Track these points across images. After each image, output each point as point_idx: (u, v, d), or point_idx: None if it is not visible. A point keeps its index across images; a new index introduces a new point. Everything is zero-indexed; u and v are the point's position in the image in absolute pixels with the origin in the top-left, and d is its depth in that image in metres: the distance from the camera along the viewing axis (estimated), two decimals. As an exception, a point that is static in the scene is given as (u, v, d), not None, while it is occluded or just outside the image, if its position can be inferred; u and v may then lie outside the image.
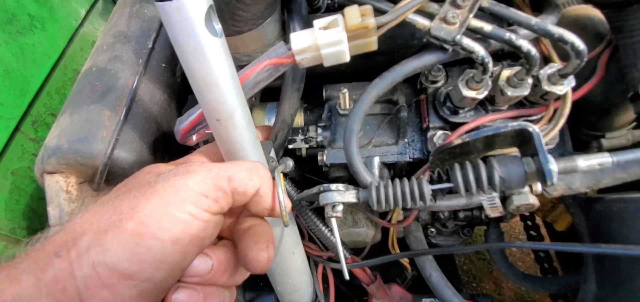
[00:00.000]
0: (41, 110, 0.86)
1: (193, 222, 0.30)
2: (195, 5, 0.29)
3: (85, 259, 0.27)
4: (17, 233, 0.82)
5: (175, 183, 0.30)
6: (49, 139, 0.50)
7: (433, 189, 0.40)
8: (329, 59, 0.38)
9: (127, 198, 0.30)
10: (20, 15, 0.80)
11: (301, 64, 0.38)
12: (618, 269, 0.42)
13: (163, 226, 0.29)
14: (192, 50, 0.31)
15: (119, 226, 0.28)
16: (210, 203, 0.31)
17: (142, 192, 0.30)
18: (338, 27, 0.36)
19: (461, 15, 0.40)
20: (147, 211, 0.29)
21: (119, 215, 0.29)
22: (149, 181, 0.32)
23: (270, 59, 0.38)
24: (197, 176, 0.31)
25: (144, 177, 0.34)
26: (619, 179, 0.42)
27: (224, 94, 0.34)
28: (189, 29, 0.30)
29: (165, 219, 0.29)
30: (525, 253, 1.46)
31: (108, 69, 0.52)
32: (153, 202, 0.29)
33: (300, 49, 0.37)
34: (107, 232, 0.28)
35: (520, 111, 0.47)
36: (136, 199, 0.30)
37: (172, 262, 0.29)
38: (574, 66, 0.39)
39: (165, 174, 0.32)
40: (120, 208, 0.29)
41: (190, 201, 0.30)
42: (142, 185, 0.32)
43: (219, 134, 0.37)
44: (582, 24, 0.48)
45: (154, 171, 0.35)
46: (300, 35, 0.37)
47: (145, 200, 0.29)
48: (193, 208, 0.30)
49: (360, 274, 0.70)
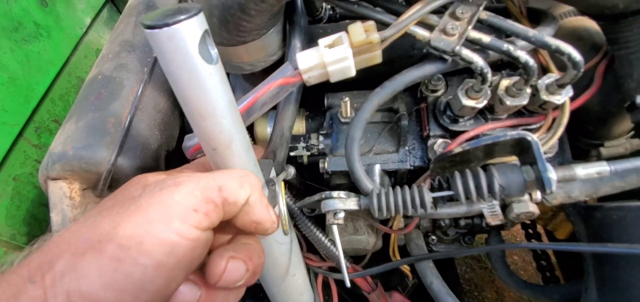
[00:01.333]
0: (44, 117, 0.87)
1: (180, 242, 0.27)
2: (189, 31, 0.26)
3: (59, 287, 0.24)
4: (17, 239, 0.83)
5: (161, 198, 0.27)
6: (54, 145, 0.50)
7: (434, 197, 0.41)
8: (335, 75, 0.39)
9: (109, 215, 0.27)
10: (26, 23, 0.81)
11: (308, 82, 0.39)
12: (618, 277, 0.42)
13: (145, 248, 0.25)
14: (186, 80, 0.28)
15: (98, 249, 0.25)
16: (200, 218, 0.28)
17: (126, 208, 0.27)
18: (343, 44, 0.37)
19: (460, 27, 0.41)
20: (128, 230, 0.26)
21: (98, 235, 0.26)
22: (133, 196, 0.29)
23: (278, 80, 0.39)
24: (185, 188, 0.28)
25: (129, 190, 0.30)
26: (617, 188, 0.43)
27: (221, 123, 0.31)
28: (182, 58, 0.27)
29: (148, 240, 0.26)
30: (527, 262, 1.45)
31: (113, 77, 0.53)
32: (135, 220, 0.26)
33: (307, 67, 0.38)
34: (84, 256, 0.25)
35: (519, 120, 0.47)
36: (118, 216, 0.27)
37: (154, 290, 0.26)
38: (571, 76, 0.40)
39: (151, 186, 0.29)
40: (100, 227, 0.26)
41: (177, 218, 0.27)
42: (126, 200, 0.28)
43: (216, 163, 0.35)
44: (579, 36, 0.49)
45: (141, 183, 0.31)
46: (306, 55, 0.38)
47: (127, 218, 0.26)
48: (181, 225, 0.27)
49: (361, 282, 0.70)
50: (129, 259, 0.25)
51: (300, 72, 0.38)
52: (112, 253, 0.25)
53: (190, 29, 0.26)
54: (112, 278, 0.25)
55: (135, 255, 0.25)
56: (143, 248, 0.25)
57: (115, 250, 0.25)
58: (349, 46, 0.37)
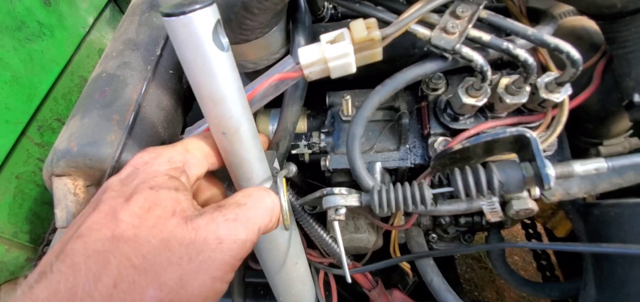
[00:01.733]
0: (47, 116, 0.88)
1: (226, 285, 0.31)
2: (203, 20, 0.29)
3: None
4: (20, 237, 0.83)
5: (220, 256, 0.30)
6: (59, 142, 0.51)
7: (434, 193, 0.41)
8: (336, 71, 0.39)
9: (169, 265, 0.28)
10: (30, 23, 0.82)
11: (309, 77, 0.40)
12: (616, 273, 0.43)
13: (210, 300, 0.30)
14: (199, 66, 0.31)
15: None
16: (240, 262, 0.32)
17: (186, 259, 0.29)
18: (345, 40, 0.37)
19: (460, 26, 0.41)
20: (195, 289, 0.28)
21: (166, 293, 0.27)
22: (184, 240, 0.29)
23: (279, 74, 0.39)
24: (238, 244, 0.31)
25: (168, 224, 0.30)
26: (615, 185, 0.43)
27: (231, 109, 0.34)
28: (196, 44, 0.29)
29: (212, 294, 0.30)
30: (527, 262, 1.46)
31: (117, 75, 0.53)
32: (200, 277, 0.29)
33: (309, 63, 0.38)
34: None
35: (519, 118, 0.48)
36: (181, 269, 0.28)
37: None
38: (570, 75, 0.41)
39: (202, 232, 0.30)
40: (164, 281, 0.28)
41: (230, 271, 0.31)
42: (176, 244, 0.29)
43: (225, 148, 0.37)
44: (578, 35, 0.50)
45: (175, 211, 0.31)
46: (308, 50, 0.38)
47: (192, 275, 0.28)
48: (231, 275, 0.31)
49: (361, 279, 0.71)
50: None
51: (301, 67, 0.38)
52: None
53: (204, 18, 0.28)
54: None
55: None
56: (207, 300, 0.29)
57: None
58: (350, 42, 0.37)
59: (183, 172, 0.34)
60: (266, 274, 0.54)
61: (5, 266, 0.81)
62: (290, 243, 0.51)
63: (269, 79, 0.39)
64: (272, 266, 0.52)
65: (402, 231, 0.66)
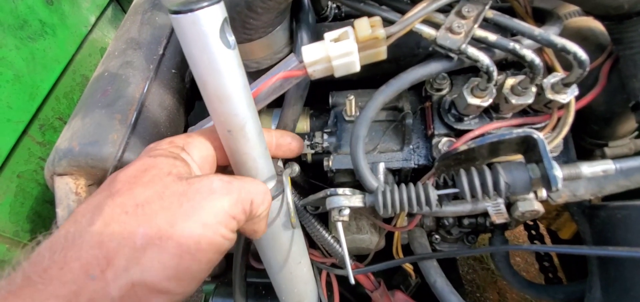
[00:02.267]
0: (49, 115, 0.87)
1: (224, 243, 0.32)
2: (210, 17, 0.29)
3: (123, 279, 0.27)
4: (21, 236, 0.83)
5: (211, 204, 0.31)
6: (61, 141, 0.51)
7: (439, 194, 0.41)
8: (340, 69, 0.39)
9: (160, 209, 0.30)
10: (32, 21, 0.81)
11: (312, 75, 0.39)
12: (623, 276, 0.42)
13: (202, 247, 0.30)
14: (206, 63, 0.31)
15: (159, 245, 0.28)
16: (235, 223, 0.33)
17: (176, 204, 0.30)
18: (349, 38, 0.37)
19: (466, 26, 0.41)
20: (186, 230, 0.29)
21: (156, 231, 0.29)
22: (176, 191, 0.31)
23: (283, 72, 0.39)
24: (230, 198, 0.32)
25: (163, 180, 0.32)
26: (622, 187, 0.43)
27: (236, 106, 0.34)
28: (204, 42, 0.30)
29: (204, 241, 0.30)
30: (529, 264, 1.45)
31: (120, 74, 0.53)
32: (191, 221, 0.30)
33: (312, 61, 0.38)
34: (145, 251, 0.28)
35: (525, 119, 0.47)
36: (171, 213, 0.30)
37: (202, 277, 0.32)
38: (577, 75, 0.40)
39: (195, 185, 0.32)
40: (155, 222, 0.29)
41: (223, 224, 0.32)
42: (168, 194, 0.31)
43: (230, 146, 0.37)
44: (584, 36, 0.49)
45: (171, 172, 0.33)
46: (311, 48, 0.38)
47: (182, 217, 0.30)
48: (225, 230, 0.32)
49: (364, 280, 0.71)
50: (189, 255, 0.29)
51: (305, 65, 0.38)
52: (173, 250, 0.29)
53: (212, 15, 0.28)
54: (174, 271, 0.29)
55: (194, 253, 0.30)
56: (200, 247, 0.30)
57: (175, 247, 0.29)
58: (354, 41, 0.37)
59: (183, 150, 0.36)
60: (269, 272, 0.54)
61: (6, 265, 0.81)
62: (293, 242, 0.51)
63: (273, 77, 0.39)
64: (275, 264, 0.52)
65: (404, 232, 0.65)
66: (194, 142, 0.38)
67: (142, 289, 0.27)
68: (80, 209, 0.31)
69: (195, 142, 0.38)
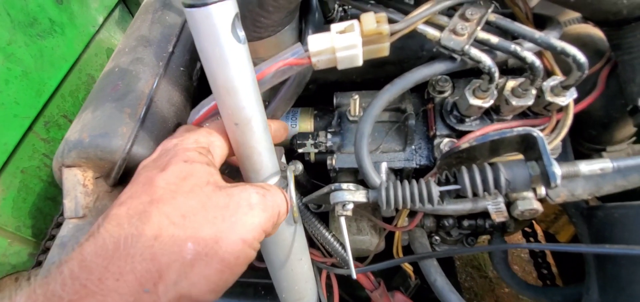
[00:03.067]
0: (54, 112, 0.88)
1: (254, 254, 0.34)
2: (222, 12, 0.30)
3: (172, 292, 0.28)
4: (22, 231, 0.83)
5: (251, 220, 0.33)
6: (70, 133, 0.51)
7: (441, 191, 0.42)
8: (343, 62, 0.40)
9: (206, 222, 0.31)
10: (42, 19, 0.83)
11: (316, 65, 0.40)
12: (619, 275, 0.43)
13: (240, 262, 0.32)
14: (217, 56, 0.32)
15: (206, 261, 0.30)
16: (264, 236, 0.35)
17: (220, 218, 0.31)
18: (354, 31, 0.38)
19: (469, 28, 0.42)
20: (229, 246, 0.31)
21: (203, 246, 0.30)
22: (218, 203, 0.32)
23: (288, 60, 0.40)
24: (266, 215, 0.34)
25: (203, 189, 0.33)
26: (619, 186, 0.44)
27: (244, 100, 0.35)
28: (215, 36, 0.31)
29: (242, 256, 0.32)
30: (527, 272, 1.45)
31: (130, 70, 0.54)
32: (233, 237, 0.31)
33: (317, 51, 0.39)
34: (193, 266, 0.29)
35: (524, 121, 0.49)
36: (216, 227, 0.31)
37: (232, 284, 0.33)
38: (576, 78, 0.42)
39: (235, 198, 0.33)
40: (201, 236, 0.30)
41: (257, 238, 0.33)
42: (211, 205, 0.32)
43: (236, 138, 0.38)
44: (583, 41, 0.51)
45: (209, 181, 0.34)
46: (317, 38, 0.39)
47: (226, 232, 0.31)
48: (257, 244, 0.34)
49: (363, 280, 0.71)
50: (229, 270, 0.31)
51: (310, 54, 0.39)
52: (217, 265, 0.30)
53: (224, 10, 0.30)
54: (216, 285, 0.30)
55: (233, 267, 0.31)
56: (238, 262, 0.32)
57: (219, 263, 0.30)
58: (359, 34, 0.38)
59: (209, 152, 0.37)
60: (270, 268, 0.54)
61: (7, 259, 0.81)
62: (295, 238, 0.51)
63: (277, 63, 0.39)
64: (276, 260, 0.52)
65: (405, 232, 0.66)
66: (216, 142, 0.39)
67: (187, 301, 0.29)
68: (121, 212, 0.30)
69: (216, 142, 0.39)
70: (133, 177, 0.36)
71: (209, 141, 0.38)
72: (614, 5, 0.39)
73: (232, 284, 0.33)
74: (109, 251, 0.28)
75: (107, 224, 0.29)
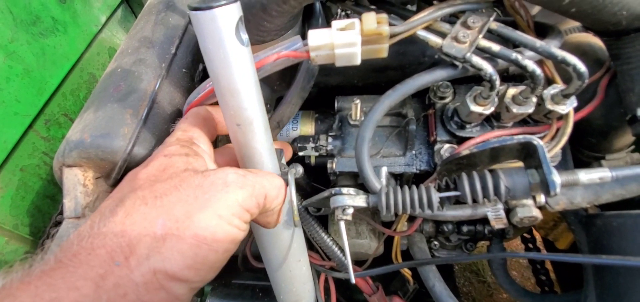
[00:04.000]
0: (55, 110, 0.88)
1: (238, 233, 0.34)
2: (226, 15, 0.31)
3: (145, 266, 0.29)
4: (20, 229, 0.83)
5: (225, 196, 0.33)
6: (72, 133, 0.52)
7: (440, 197, 0.42)
8: (341, 59, 0.40)
9: (178, 201, 0.31)
10: (44, 18, 0.83)
11: (314, 60, 0.40)
12: (617, 283, 0.43)
13: (218, 238, 0.31)
14: (221, 58, 0.33)
15: (177, 235, 0.30)
16: (248, 216, 0.35)
17: (193, 196, 0.32)
18: (354, 29, 0.38)
19: (471, 35, 0.43)
20: (202, 221, 0.31)
21: (174, 222, 0.30)
22: (192, 183, 0.33)
23: (286, 52, 0.40)
24: (243, 192, 0.34)
25: (180, 175, 0.34)
26: (618, 195, 0.44)
27: (246, 101, 0.35)
28: (219, 38, 0.32)
29: (219, 232, 0.32)
30: (526, 278, 1.46)
31: (132, 71, 0.54)
32: (206, 212, 0.31)
33: (316, 46, 0.39)
34: (165, 240, 0.30)
35: (525, 129, 0.49)
36: (188, 205, 0.31)
37: (219, 267, 0.33)
38: (576, 87, 0.42)
39: (210, 178, 0.33)
40: (173, 213, 0.31)
41: (237, 216, 0.33)
42: (185, 186, 0.32)
43: (238, 139, 0.38)
44: (583, 51, 0.51)
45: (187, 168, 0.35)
46: (318, 33, 0.39)
47: (198, 209, 0.31)
48: (239, 222, 0.33)
49: (362, 284, 0.71)
50: (206, 246, 0.31)
51: (309, 49, 0.39)
52: (190, 240, 0.30)
53: (229, 13, 0.30)
54: (192, 260, 0.30)
55: (210, 243, 0.31)
56: (216, 238, 0.31)
57: (193, 237, 0.30)
58: (359, 33, 0.38)
59: (193, 143, 0.38)
60: (268, 268, 0.55)
61: (4, 257, 0.81)
62: (294, 239, 0.51)
63: (274, 54, 0.39)
64: (275, 260, 0.53)
65: (404, 237, 0.66)
66: (195, 134, 0.40)
67: (163, 277, 0.29)
68: (104, 203, 0.33)
69: (195, 134, 0.40)
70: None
71: (188, 136, 0.39)
72: (614, 16, 0.39)
73: (231, 286, 0.33)
74: (86, 232, 0.30)
75: (92, 215, 0.32)
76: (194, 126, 0.41)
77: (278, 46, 0.40)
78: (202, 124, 0.42)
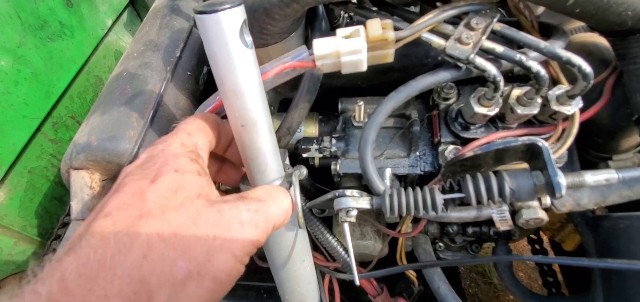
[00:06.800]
0: (62, 113, 0.90)
1: (243, 267, 0.33)
2: (231, 18, 0.32)
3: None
4: (28, 231, 0.84)
5: (242, 237, 0.32)
6: (79, 136, 0.52)
7: (445, 199, 0.42)
8: (347, 66, 0.40)
9: (196, 241, 0.30)
10: (52, 22, 0.84)
11: (320, 69, 0.40)
12: (625, 286, 0.43)
13: (231, 278, 0.32)
14: (225, 60, 0.33)
15: (197, 280, 0.29)
16: (255, 250, 0.35)
17: (211, 236, 0.31)
18: (360, 37, 0.39)
19: (475, 37, 0.42)
20: (221, 264, 0.30)
21: (195, 265, 0.29)
22: (209, 220, 0.31)
23: (293, 62, 0.40)
24: (258, 231, 0.34)
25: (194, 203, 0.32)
26: (625, 197, 0.44)
27: (250, 102, 0.36)
28: (224, 40, 0.32)
29: (233, 272, 0.32)
30: (533, 279, 1.44)
31: (138, 74, 0.55)
32: (224, 254, 0.31)
33: (322, 54, 0.39)
34: (185, 286, 0.28)
35: (530, 130, 0.49)
36: (208, 245, 0.30)
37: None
38: (581, 88, 0.41)
39: (226, 215, 0.32)
40: (192, 255, 0.29)
41: (248, 253, 0.33)
42: (202, 222, 0.31)
43: (242, 140, 0.39)
44: (589, 51, 0.51)
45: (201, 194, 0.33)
46: (323, 42, 0.39)
47: (217, 250, 0.30)
48: (247, 258, 0.33)
49: (366, 285, 0.71)
50: (221, 287, 0.31)
51: (315, 58, 0.39)
52: (209, 285, 0.30)
53: (233, 16, 0.31)
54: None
55: (225, 284, 0.31)
56: (230, 278, 0.31)
57: (211, 282, 0.30)
58: (364, 40, 0.38)
59: (199, 156, 0.36)
60: (272, 268, 0.55)
61: (12, 258, 0.82)
62: (299, 240, 0.52)
63: (281, 65, 0.40)
64: (279, 260, 0.53)
65: (409, 238, 0.66)
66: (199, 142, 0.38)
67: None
68: (107, 225, 0.28)
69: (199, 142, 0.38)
70: (117, 183, 0.33)
71: (193, 142, 0.37)
72: (619, 16, 0.39)
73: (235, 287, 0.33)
74: (93, 270, 0.25)
75: (91, 238, 0.27)
76: (199, 131, 0.39)
77: (284, 57, 0.40)
78: (206, 132, 0.39)
